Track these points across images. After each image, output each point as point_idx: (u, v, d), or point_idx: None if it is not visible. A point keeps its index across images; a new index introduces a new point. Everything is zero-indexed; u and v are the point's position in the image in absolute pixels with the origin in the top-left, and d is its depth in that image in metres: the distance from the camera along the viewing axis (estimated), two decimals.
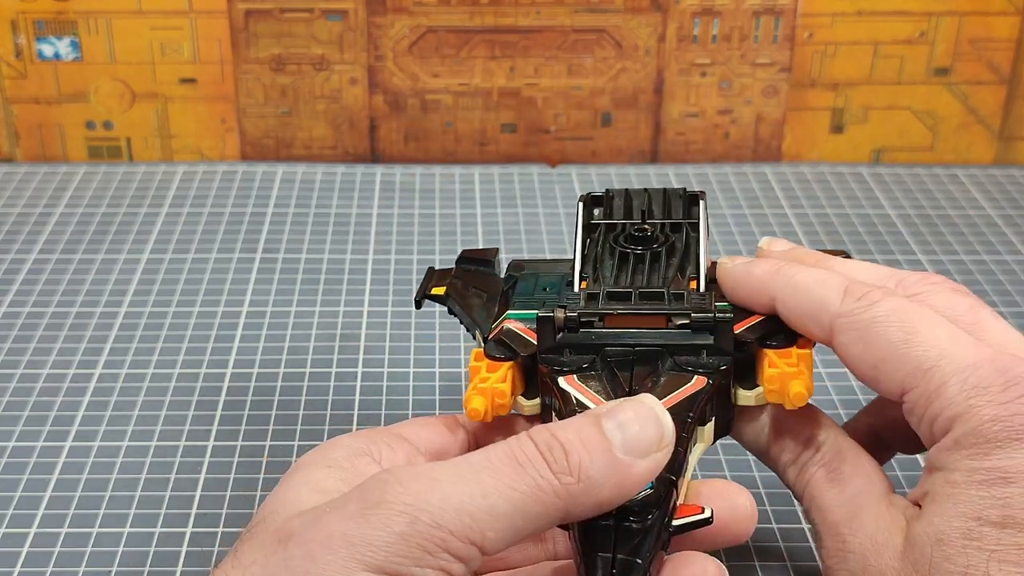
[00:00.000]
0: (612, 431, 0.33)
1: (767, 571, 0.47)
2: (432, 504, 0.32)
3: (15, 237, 0.73)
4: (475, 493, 0.32)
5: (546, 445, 0.33)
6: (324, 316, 0.65)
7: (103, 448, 0.54)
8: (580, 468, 0.33)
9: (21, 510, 0.50)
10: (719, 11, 0.81)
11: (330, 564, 0.32)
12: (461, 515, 0.32)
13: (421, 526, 0.32)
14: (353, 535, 0.32)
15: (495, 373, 0.41)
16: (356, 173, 0.83)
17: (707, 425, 0.39)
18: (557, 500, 0.32)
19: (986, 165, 0.86)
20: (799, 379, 0.39)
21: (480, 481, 0.32)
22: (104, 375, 0.59)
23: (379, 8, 0.81)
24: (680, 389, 0.38)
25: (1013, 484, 0.34)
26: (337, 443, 0.38)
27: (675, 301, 0.41)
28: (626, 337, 0.41)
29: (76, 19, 0.80)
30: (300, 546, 0.33)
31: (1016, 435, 0.34)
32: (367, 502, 0.32)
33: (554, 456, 0.33)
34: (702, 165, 0.84)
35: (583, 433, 0.33)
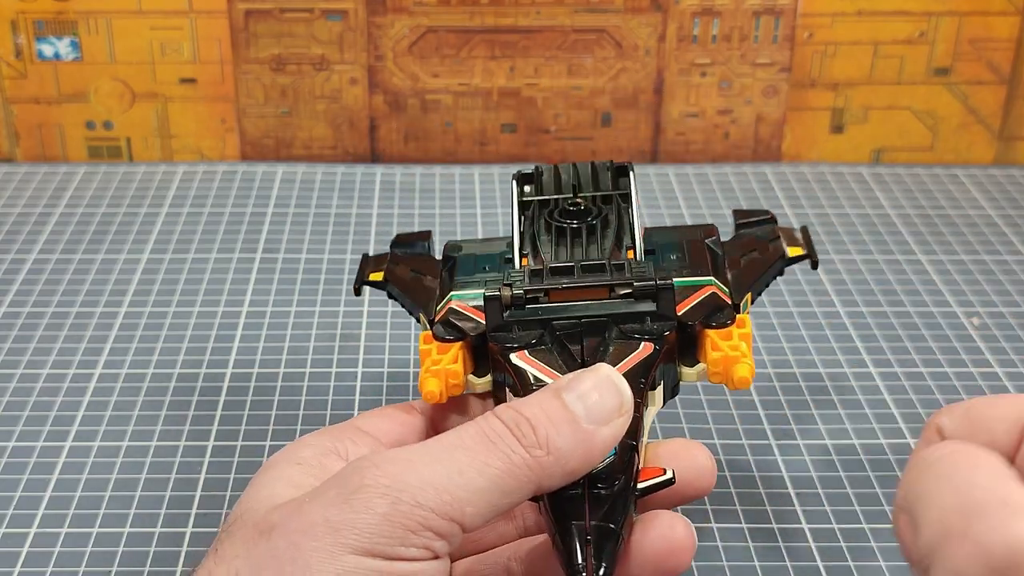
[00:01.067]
0: (574, 403, 0.35)
1: (767, 571, 0.47)
2: (411, 484, 0.33)
3: (15, 237, 0.73)
4: (451, 472, 0.33)
5: (513, 422, 0.34)
6: (324, 316, 0.65)
7: (103, 448, 0.54)
8: (548, 441, 0.34)
9: (21, 510, 0.50)
10: (719, 11, 0.81)
11: (315, 551, 0.32)
12: (440, 493, 0.33)
13: (403, 506, 0.32)
14: (336, 520, 0.32)
15: (446, 355, 0.42)
16: (356, 173, 0.83)
17: (657, 389, 0.40)
18: (530, 473, 0.34)
19: (986, 165, 0.86)
20: (742, 363, 0.40)
21: (455, 460, 0.33)
22: (104, 375, 0.59)
23: (379, 8, 0.81)
24: (630, 356, 0.39)
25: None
26: (303, 443, 0.39)
27: (616, 272, 0.42)
28: (572, 310, 0.42)
29: (76, 19, 0.80)
30: (283, 536, 0.33)
31: None
32: (347, 487, 0.33)
33: (522, 431, 0.34)
34: (702, 165, 0.84)
35: (546, 407, 0.35)
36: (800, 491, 0.52)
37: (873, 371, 0.60)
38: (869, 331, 0.64)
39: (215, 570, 0.33)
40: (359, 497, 0.33)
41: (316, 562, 0.32)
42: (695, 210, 0.78)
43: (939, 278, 0.69)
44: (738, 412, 0.57)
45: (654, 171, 0.83)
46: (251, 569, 0.33)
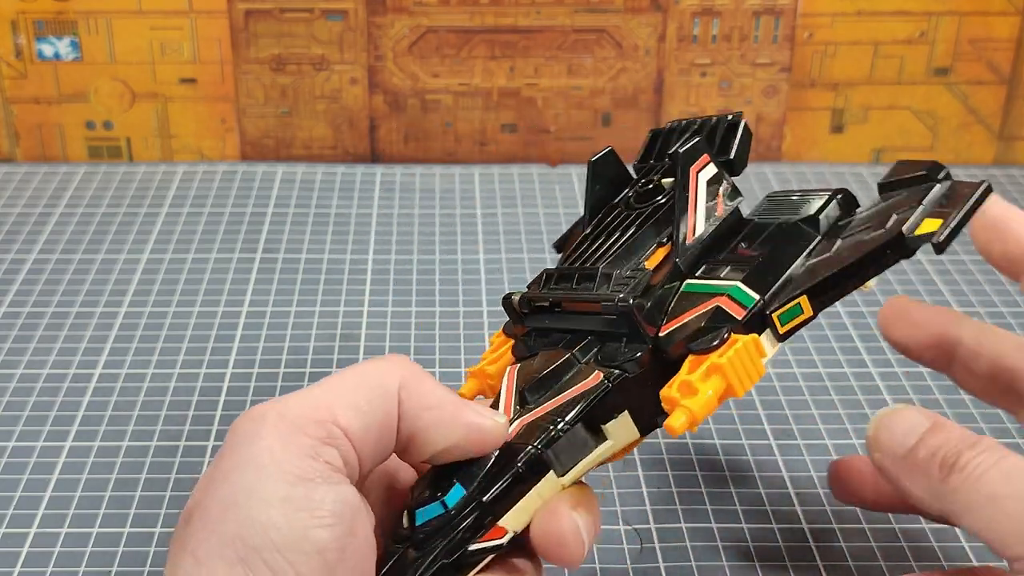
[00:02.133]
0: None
1: (767, 571, 0.47)
2: (277, 406, 0.34)
3: (15, 237, 0.73)
4: (312, 388, 0.35)
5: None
6: (324, 316, 0.65)
7: (103, 448, 0.54)
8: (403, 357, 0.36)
9: (21, 510, 0.50)
10: (719, 11, 0.81)
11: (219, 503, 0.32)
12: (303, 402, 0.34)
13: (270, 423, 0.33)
14: (226, 467, 0.33)
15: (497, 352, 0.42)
16: (356, 173, 0.83)
17: (613, 421, 0.37)
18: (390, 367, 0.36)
19: (986, 165, 0.86)
20: (679, 408, 0.35)
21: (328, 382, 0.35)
22: (104, 375, 0.59)
23: (379, 8, 0.81)
24: (574, 387, 0.37)
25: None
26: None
27: (601, 285, 0.39)
28: (571, 321, 0.40)
29: (76, 19, 0.80)
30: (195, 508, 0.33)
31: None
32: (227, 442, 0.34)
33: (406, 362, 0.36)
34: None
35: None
36: (800, 491, 0.52)
37: (873, 371, 0.60)
38: (869, 331, 0.64)
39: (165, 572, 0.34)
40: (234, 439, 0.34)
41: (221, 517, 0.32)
42: None
43: (939, 278, 0.69)
44: (738, 412, 0.57)
45: None
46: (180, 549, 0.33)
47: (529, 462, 0.36)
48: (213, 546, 0.32)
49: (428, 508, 0.35)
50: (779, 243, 0.39)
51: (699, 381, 0.35)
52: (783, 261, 0.38)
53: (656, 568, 0.47)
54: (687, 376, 0.35)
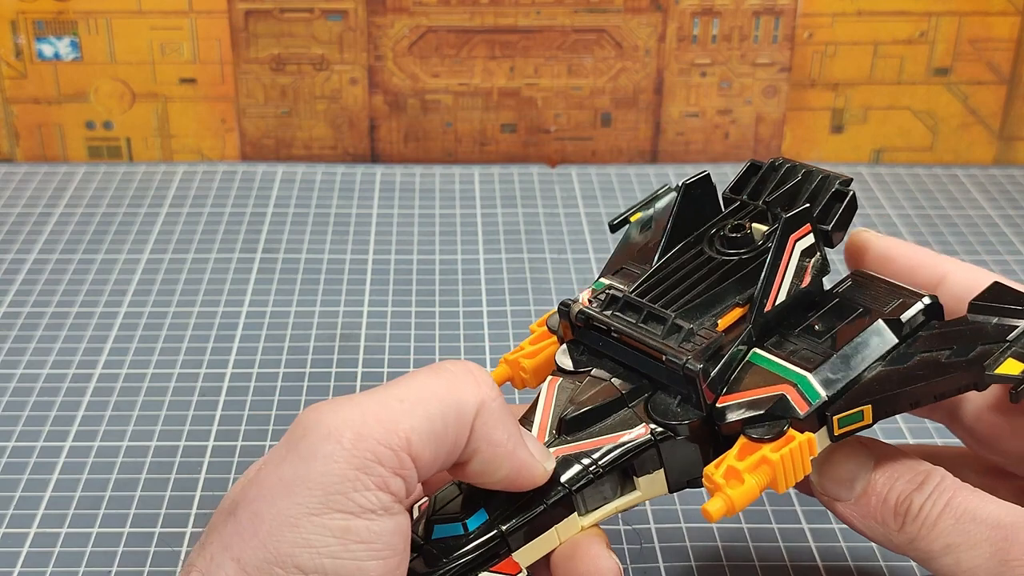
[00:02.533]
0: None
1: (767, 571, 0.47)
2: (354, 419, 0.32)
3: (15, 237, 0.73)
4: (391, 399, 0.32)
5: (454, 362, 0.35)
6: (324, 316, 0.65)
7: (103, 448, 0.54)
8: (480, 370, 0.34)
9: (21, 510, 0.50)
10: (719, 11, 0.81)
11: (275, 519, 0.31)
12: (381, 420, 0.32)
13: (347, 443, 0.31)
14: (288, 477, 0.31)
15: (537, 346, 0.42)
16: (356, 173, 0.83)
17: (647, 476, 0.37)
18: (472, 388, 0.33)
19: (986, 165, 0.86)
20: (717, 496, 0.34)
21: (396, 391, 0.33)
22: (104, 375, 0.59)
23: (379, 8, 0.81)
24: (613, 434, 0.37)
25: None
26: None
27: (670, 334, 0.38)
28: (626, 356, 0.39)
29: (76, 19, 0.80)
30: (245, 508, 0.32)
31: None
32: (292, 439, 0.32)
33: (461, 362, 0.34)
34: (702, 165, 0.84)
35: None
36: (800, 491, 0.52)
37: None
38: None
39: (198, 560, 0.33)
40: (304, 445, 0.32)
41: (275, 532, 0.31)
42: None
43: None
44: None
45: (654, 171, 0.83)
46: (222, 549, 0.32)
47: (558, 503, 0.36)
48: (261, 560, 0.31)
49: (448, 527, 0.35)
50: (858, 340, 0.37)
51: (747, 471, 0.35)
52: (858, 361, 0.37)
53: (656, 568, 0.47)
54: (735, 463, 0.35)
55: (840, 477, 0.38)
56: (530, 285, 0.68)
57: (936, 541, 0.36)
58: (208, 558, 0.32)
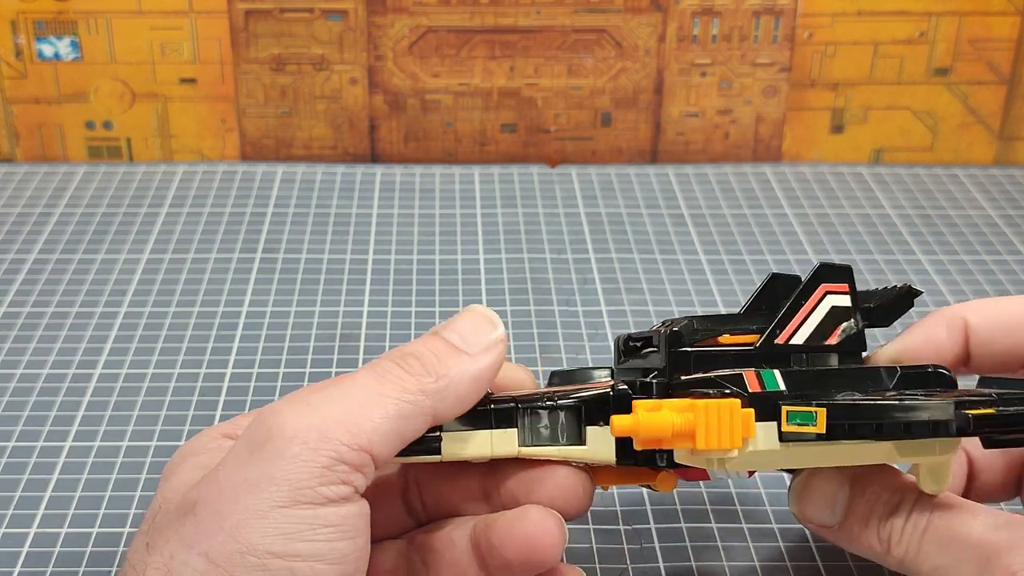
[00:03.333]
0: (453, 337, 0.36)
1: (767, 571, 0.47)
2: (315, 422, 0.33)
3: (15, 237, 0.73)
4: (351, 406, 0.34)
5: (401, 358, 0.36)
6: (324, 316, 0.65)
7: (103, 448, 0.54)
8: (435, 369, 0.35)
9: (21, 510, 0.50)
10: (719, 11, 0.81)
11: (241, 513, 0.32)
12: (346, 425, 0.33)
13: (313, 443, 0.33)
14: (253, 477, 0.33)
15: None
16: (356, 173, 0.83)
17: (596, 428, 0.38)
18: (424, 398, 0.35)
19: (986, 165, 0.86)
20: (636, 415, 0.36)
21: (352, 396, 0.34)
22: (104, 375, 0.59)
23: (379, 8, 0.81)
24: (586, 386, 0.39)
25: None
26: (199, 437, 0.39)
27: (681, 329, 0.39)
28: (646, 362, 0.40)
29: (76, 19, 0.80)
30: (206, 506, 0.33)
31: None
32: (255, 442, 0.33)
33: (409, 364, 0.35)
34: (702, 165, 0.84)
35: (428, 344, 0.36)
36: None
37: None
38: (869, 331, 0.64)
39: (149, 559, 0.33)
40: (269, 448, 0.33)
41: (243, 524, 0.32)
42: (695, 210, 0.78)
43: (939, 278, 0.69)
44: None
45: (654, 171, 0.83)
46: (184, 548, 0.33)
47: (501, 409, 0.37)
48: (232, 551, 0.32)
49: None
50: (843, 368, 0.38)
51: (669, 406, 0.36)
52: (833, 383, 0.37)
53: (656, 568, 0.47)
54: (667, 402, 0.36)
55: (818, 503, 0.38)
56: (530, 285, 0.68)
57: (923, 564, 0.36)
58: (167, 557, 0.33)
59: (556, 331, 0.64)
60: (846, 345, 0.39)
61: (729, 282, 0.69)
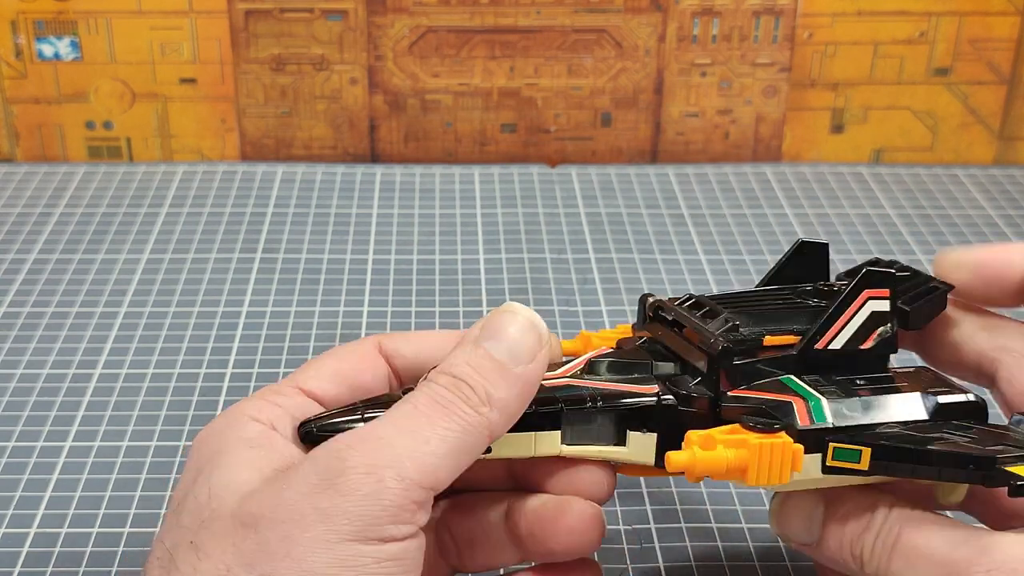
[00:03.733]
0: (498, 351, 0.36)
1: (767, 571, 0.47)
2: (390, 460, 0.33)
3: (15, 237, 0.73)
4: (419, 442, 0.34)
5: (454, 385, 0.35)
6: (324, 316, 0.65)
7: (103, 448, 0.54)
8: (488, 396, 0.35)
9: (21, 510, 0.50)
10: (719, 11, 0.81)
11: (310, 542, 0.32)
12: (417, 464, 0.34)
13: (389, 482, 0.33)
14: (326, 507, 0.33)
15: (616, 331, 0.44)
16: (356, 173, 0.83)
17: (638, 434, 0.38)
18: (482, 429, 0.35)
19: (986, 165, 0.86)
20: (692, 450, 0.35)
21: (420, 430, 0.34)
22: (104, 375, 0.59)
23: (379, 8, 0.81)
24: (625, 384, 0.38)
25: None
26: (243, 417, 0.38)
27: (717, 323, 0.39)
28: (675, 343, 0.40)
29: (76, 19, 0.80)
30: (272, 528, 0.33)
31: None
32: (329, 472, 0.33)
33: (465, 394, 0.35)
34: (702, 165, 0.84)
35: (474, 363, 0.36)
36: None
37: None
38: None
39: (200, 565, 0.33)
40: (344, 481, 0.33)
41: (310, 553, 0.32)
42: (695, 210, 0.78)
43: None
44: None
45: (654, 171, 0.83)
46: (244, 565, 0.33)
47: (547, 413, 0.37)
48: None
49: None
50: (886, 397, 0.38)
51: (723, 442, 0.36)
52: (878, 413, 0.37)
53: (656, 568, 0.47)
54: (717, 434, 0.36)
55: (795, 522, 0.39)
56: (530, 285, 0.68)
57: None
58: (223, 569, 0.33)
59: (556, 331, 0.64)
60: (879, 348, 0.39)
61: (729, 282, 0.69)
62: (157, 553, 0.35)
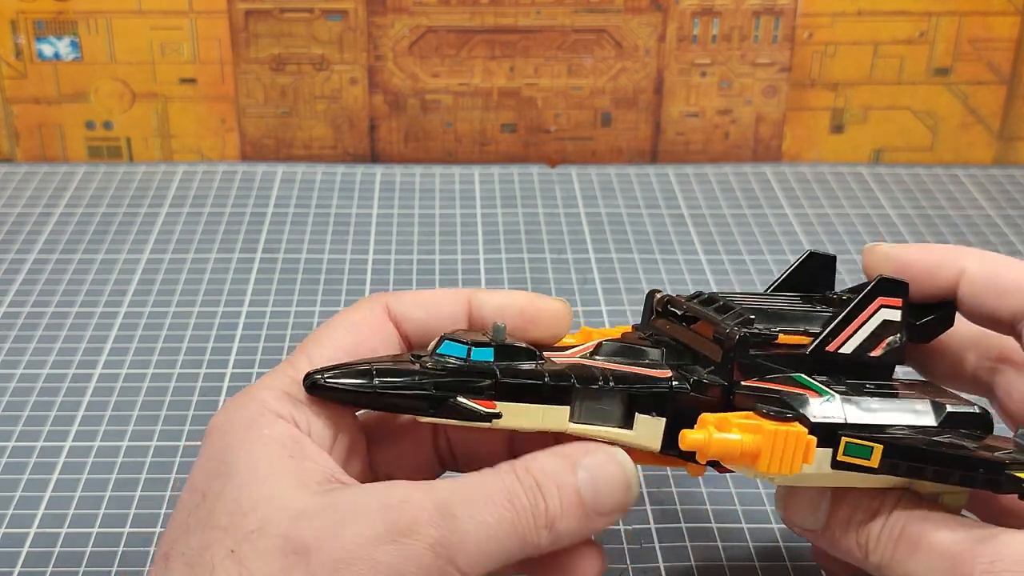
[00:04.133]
0: (586, 487, 0.36)
1: (767, 571, 0.47)
2: (453, 543, 0.34)
3: (15, 237, 0.73)
4: (482, 538, 0.34)
5: (533, 494, 0.35)
6: (324, 316, 0.65)
7: (103, 448, 0.54)
8: (553, 523, 0.35)
9: (21, 510, 0.50)
10: (719, 11, 0.81)
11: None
12: (473, 557, 0.34)
13: (442, 562, 0.33)
14: (382, 563, 0.33)
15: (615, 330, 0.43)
16: (356, 173, 0.83)
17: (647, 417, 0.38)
18: (533, 547, 0.35)
19: (986, 165, 0.86)
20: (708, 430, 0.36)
21: (486, 523, 0.34)
22: (104, 375, 0.59)
23: (379, 8, 0.81)
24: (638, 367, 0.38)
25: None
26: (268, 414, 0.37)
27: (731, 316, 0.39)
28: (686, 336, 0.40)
29: (76, 19, 0.80)
30: (324, 566, 0.33)
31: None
32: (395, 528, 0.33)
33: (539, 510, 0.35)
34: (702, 165, 0.84)
35: (562, 484, 0.36)
36: None
37: None
38: None
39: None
40: (408, 545, 0.33)
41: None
42: (695, 210, 0.78)
43: None
44: None
45: (654, 171, 0.83)
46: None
47: (558, 387, 0.37)
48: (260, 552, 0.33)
49: (456, 346, 0.37)
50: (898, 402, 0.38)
51: (738, 425, 0.36)
52: (888, 416, 0.37)
53: (656, 568, 0.48)
54: (732, 417, 0.36)
55: (802, 508, 0.39)
56: (530, 285, 0.68)
57: (896, 569, 0.36)
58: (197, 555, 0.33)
59: None
60: (887, 358, 0.40)
61: (729, 282, 0.69)
62: (179, 546, 0.34)
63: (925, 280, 0.41)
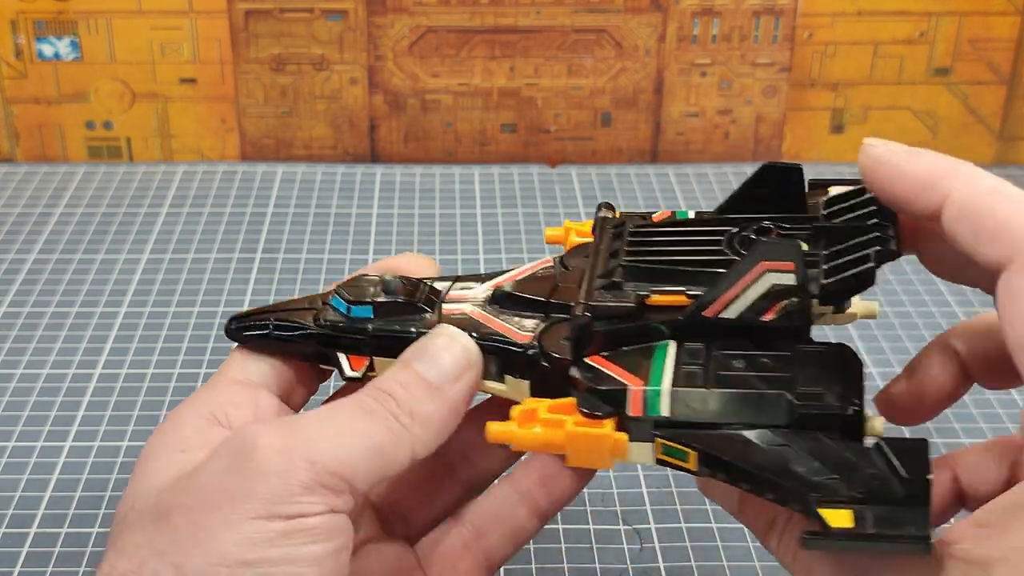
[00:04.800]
0: (425, 369, 0.37)
1: (767, 571, 0.47)
2: (302, 444, 0.33)
3: (15, 237, 0.73)
4: (338, 435, 0.34)
5: (380, 395, 0.36)
6: None
7: (103, 448, 0.54)
8: (412, 410, 0.36)
9: (21, 510, 0.50)
10: (719, 11, 0.81)
11: (217, 524, 0.32)
12: (331, 453, 0.34)
13: (299, 462, 0.33)
14: (233, 488, 0.33)
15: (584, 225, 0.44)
16: (356, 173, 0.83)
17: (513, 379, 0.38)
18: (404, 440, 0.35)
19: (986, 165, 0.85)
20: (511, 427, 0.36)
21: (340, 427, 0.35)
22: (104, 375, 0.59)
23: (379, 8, 0.81)
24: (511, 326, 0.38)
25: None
26: (180, 420, 0.38)
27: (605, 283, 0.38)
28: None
29: (76, 19, 0.80)
30: (182, 514, 0.33)
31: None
32: (238, 455, 0.33)
33: (388, 404, 0.36)
34: (702, 165, 0.84)
35: (402, 379, 0.36)
36: None
37: (874, 371, 0.60)
38: (870, 331, 0.64)
39: (118, 563, 0.33)
40: (253, 461, 0.33)
41: (216, 534, 0.32)
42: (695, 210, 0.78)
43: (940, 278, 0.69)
44: None
45: (654, 171, 0.83)
46: (156, 555, 0.32)
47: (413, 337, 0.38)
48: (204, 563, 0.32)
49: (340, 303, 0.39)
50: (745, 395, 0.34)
51: (543, 421, 0.36)
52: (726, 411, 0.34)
53: (656, 568, 0.47)
54: (543, 410, 0.36)
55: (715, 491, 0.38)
56: None
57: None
58: (137, 562, 0.32)
59: None
60: (784, 321, 0.35)
61: None
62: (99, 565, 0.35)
63: (908, 203, 0.38)
